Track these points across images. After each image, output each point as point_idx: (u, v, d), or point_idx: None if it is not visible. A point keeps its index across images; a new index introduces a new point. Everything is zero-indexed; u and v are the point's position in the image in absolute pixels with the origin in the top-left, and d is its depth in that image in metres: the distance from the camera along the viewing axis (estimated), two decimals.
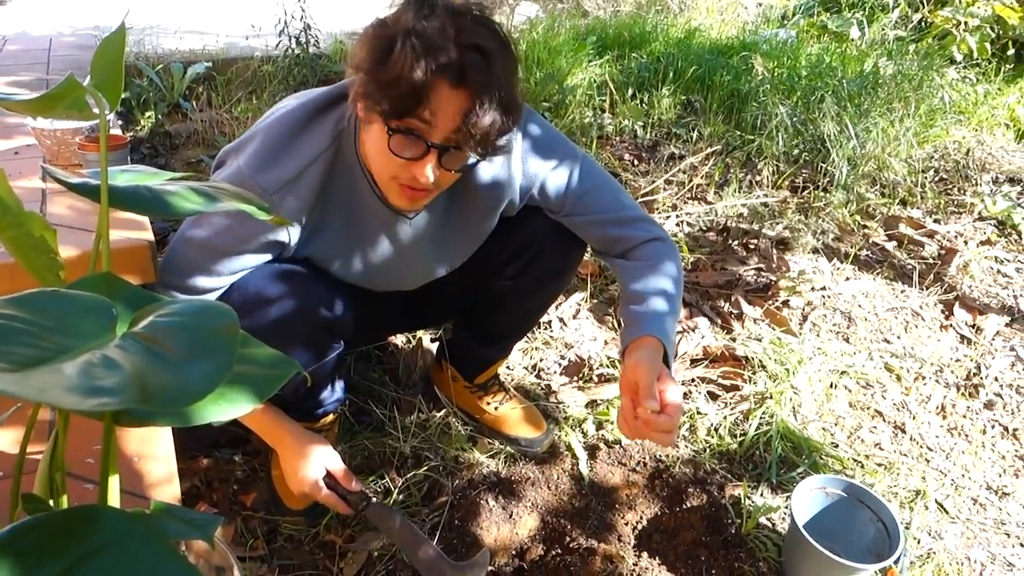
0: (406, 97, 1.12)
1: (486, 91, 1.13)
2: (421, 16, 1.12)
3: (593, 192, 1.50)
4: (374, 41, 1.14)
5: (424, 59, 1.09)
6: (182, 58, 3.94)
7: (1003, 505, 1.81)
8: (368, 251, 1.47)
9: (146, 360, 0.48)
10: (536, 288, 1.66)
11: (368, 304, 1.59)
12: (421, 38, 1.10)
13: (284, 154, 1.29)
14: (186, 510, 0.74)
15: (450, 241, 1.54)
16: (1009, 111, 4.30)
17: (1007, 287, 2.75)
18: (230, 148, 1.37)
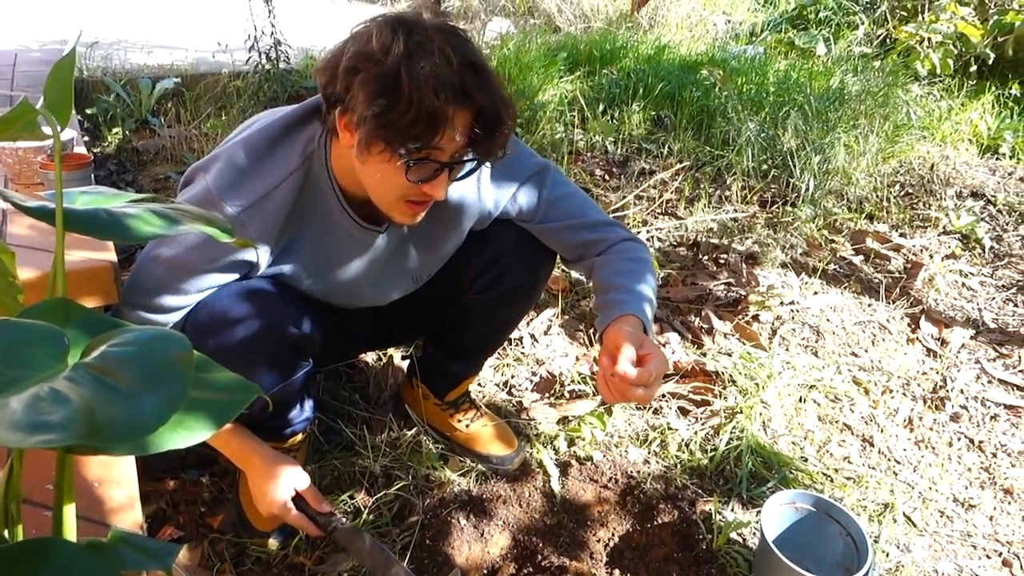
0: (424, 134, 1.15)
1: (488, 102, 1.17)
2: (412, 43, 1.12)
3: (565, 199, 1.53)
4: (375, 83, 1.12)
5: (435, 92, 1.11)
6: (150, 73, 3.91)
7: (969, 517, 1.83)
8: (340, 268, 1.46)
9: (96, 392, 0.47)
10: (505, 302, 1.66)
11: (338, 322, 1.58)
12: (425, 72, 1.10)
13: (252, 174, 1.28)
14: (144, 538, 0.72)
15: (421, 255, 1.55)
16: (972, 126, 4.38)
17: (971, 300, 2.79)
18: (198, 166, 1.35)
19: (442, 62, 1.12)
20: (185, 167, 3.17)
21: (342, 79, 1.16)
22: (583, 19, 6.60)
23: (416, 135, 1.15)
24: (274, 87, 3.89)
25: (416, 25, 1.14)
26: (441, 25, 1.17)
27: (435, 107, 1.12)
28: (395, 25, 1.14)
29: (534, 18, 6.77)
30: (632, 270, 1.45)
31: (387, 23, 1.14)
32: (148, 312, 1.32)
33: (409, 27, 1.13)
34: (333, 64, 1.18)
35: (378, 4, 7.71)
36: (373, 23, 1.16)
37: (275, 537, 1.61)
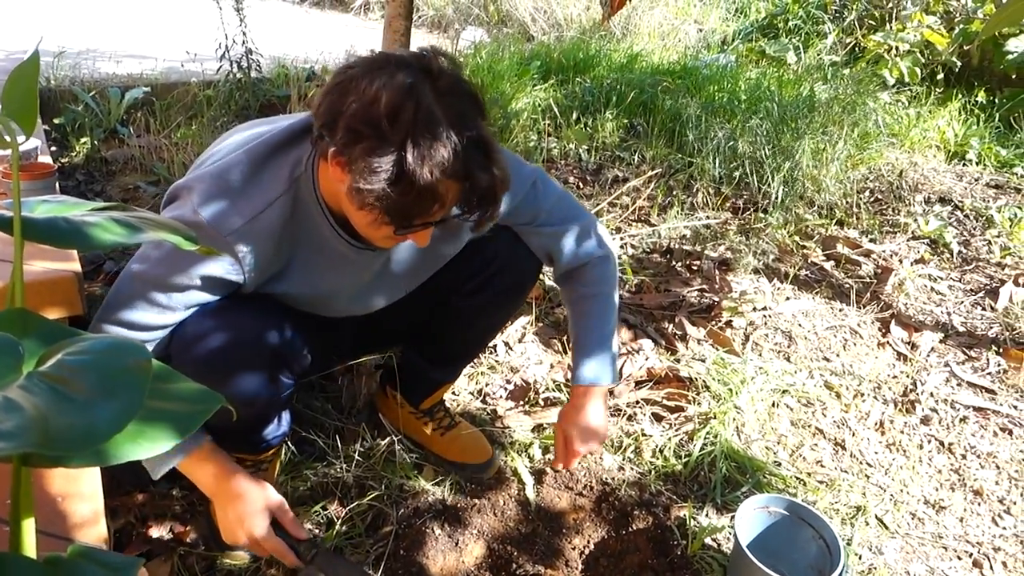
0: (420, 213, 1.18)
1: (487, 182, 1.18)
2: (420, 118, 1.10)
3: (556, 204, 1.55)
4: (377, 159, 1.11)
5: (436, 176, 1.11)
6: (120, 83, 3.87)
7: (940, 519, 1.85)
8: (333, 286, 1.45)
9: (50, 401, 0.46)
10: (494, 305, 1.67)
11: (321, 332, 1.57)
12: (429, 154, 1.10)
13: (240, 197, 1.25)
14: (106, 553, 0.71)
15: (415, 266, 1.55)
16: (939, 133, 4.45)
17: (940, 304, 2.83)
18: (181, 185, 1.30)
19: (447, 142, 1.11)
20: (155, 176, 3.14)
21: (343, 133, 1.13)
22: (556, 28, 6.64)
23: (412, 213, 1.17)
24: (246, 96, 3.86)
25: (426, 92, 1.12)
26: (452, 88, 1.15)
27: (435, 190, 1.13)
28: (406, 92, 1.11)
29: (507, 27, 6.79)
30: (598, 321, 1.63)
31: (398, 89, 1.11)
32: (124, 329, 1.29)
33: (418, 96, 1.11)
34: (334, 110, 1.14)
35: (350, 13, 7.69)
36: (382, 78, 1.12)
37: (246, 551, 1.58)
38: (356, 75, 1.14)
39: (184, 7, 6.56)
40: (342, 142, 1.13)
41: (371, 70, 1.14)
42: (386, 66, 1.14)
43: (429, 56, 1.17)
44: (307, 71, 4.28)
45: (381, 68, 1.14)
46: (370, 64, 1.16)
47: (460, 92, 1.16)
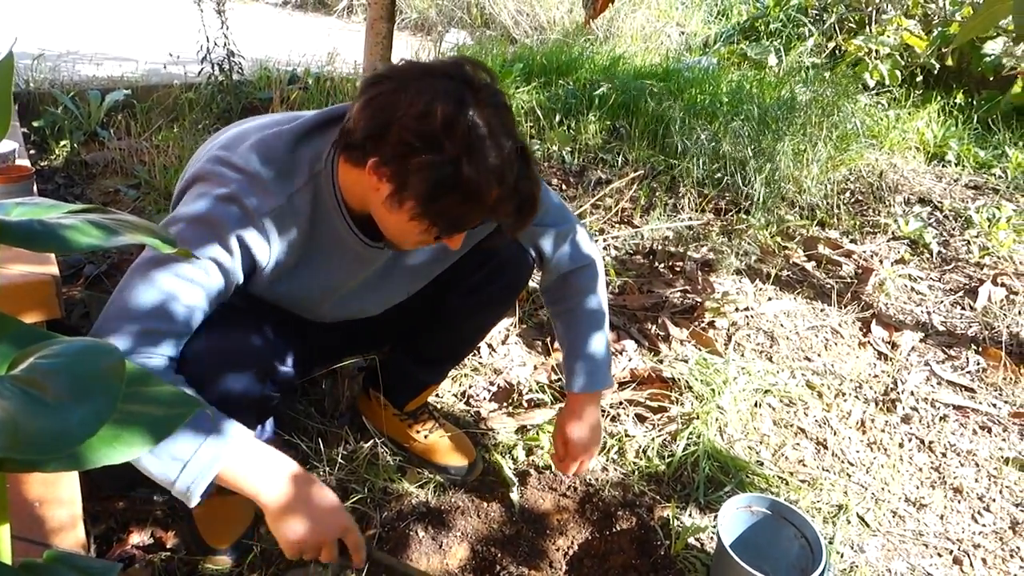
0: (469, 222, 1.23)
1: (531, 192, 1.24)
2: (475, 134, 1.12)
3: (549, 206, 1.55)
4: (433, 173, 1.13)
5: (490, 189, 1.15)
6: (100, 85, 3.84)
7: (921, 517, 1.87)
8: (343, 286, 1.45)
9: (21, 404, 0.45)
10: (489, 303, 1.69)
11: (310, 336, 1.56)
12: (484, 168, 1.13)
13: (271, 182, 1.24)
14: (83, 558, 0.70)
15: (423, 267, 1.55)
16: (919, 135, 4.49)
17: (921, 304, 2.85)
18: (206, 169, 1.25)
19: (499, 153, 1.14)
20: (136, 180, 3.11)
21: (394, 146, 1.14)
22: (539, 31, 6.65)
23: (463, 222, 1.22)
24: (227, 99, 3.84)
25: (474, 104, 1.14)
26: (493, 99, 1.17)
27: (488, 199, 1.16)
28: (458, 104, 1.12)
29: (490, 29, 6.80)
30: (589, 327, 1.63)
31: (449, 102, 1.12)
32: (141, 323, 1.15)
33: (469, 108, 1.13)
34: (380, 123, 1.15)
35: (333, 16, 7.67)
36: (429, 92, 1.13)
37: (228, 554, 1.58)
38: (397, 88, 1.15)
39: (165, 10, 6.52)
40: (391, 156, 1.15)
41: (413, 82, 1.15)
42: (426, 78, 1.16)
43: (466, 66, 1.19)
44: (289, 74, 4.27)
45: (422, 80, 1.15)
46: (408, 76, 1.17)
47: (500, 103, 1.19)
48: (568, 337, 1.66)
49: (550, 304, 1.70)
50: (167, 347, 1.17)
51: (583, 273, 1.62)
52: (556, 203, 1.58)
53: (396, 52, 2.55)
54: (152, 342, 1.15)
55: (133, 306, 1.14)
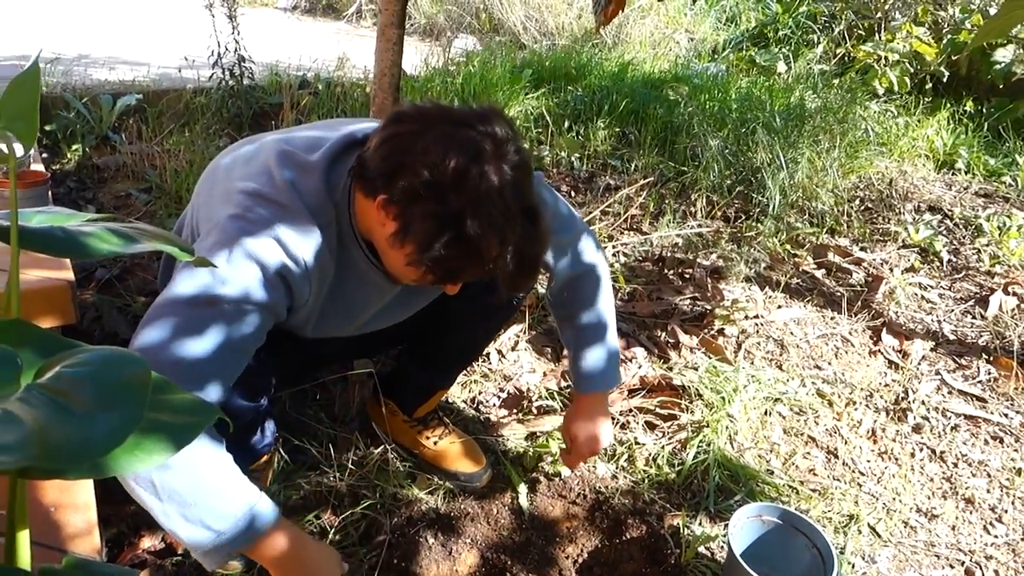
0: (468, 274, 1.22)
1: (533, 253, 1.23)
2: (483, 189, 1.11)
3: (556, 212, 1.55)
4: (437, 223, 1.13)
5: (489, 247, 1.14)
6: (112, 89, 3.86)
7: (933, 527, 1.86)
8: (355, 312, 1.46)
9: (49, 413, 0.46)
10: (496, 307, 1.68)
11: (313, 348, 1.56)
12: (487, 226, 1.12)
13: (306, 215, 1.22)
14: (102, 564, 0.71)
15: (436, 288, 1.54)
16: (928, 142, 4.48)
17: (931, 312, 2.84)
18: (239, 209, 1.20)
19: (506, 214, 1.13)
20: (147, 184, 3.13)
21: (402, 191, 1.14)
22: (548, 37, 6.66)
23: (458, 276, 1.22)
24: (238, 103, 3.86)
25: (489, 161, 1.13)
26: (510, 155, 1.16)
27: (485, 259, 1.16)
28: (471, 159, 1.12)
29: (499, 35, 6.81)
30: (596, 328, 1.65)
31: (463, 155, 1.12)
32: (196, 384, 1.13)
33: (483, 165, 1.12)
34: (392, 163, 1.15)
35: (343, 20, 7.70)
36: (444, 140, 1.13)
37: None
38: (417, 132, 1.15)
39: (177, 15, 6.56)
40: (399, 198, 1.14)
41: (433, 128, 1.15)
42: (447, 126, 1.15)
43: (488, 116, 1.18)
44: (299, 79, 4.28)
45: (443, 128, 1.15)
46: (430, 121, 1.16)
47: (518, 163, 1.17)
48: (573, 341, 1.68)
49: (555, 309, 1.71)
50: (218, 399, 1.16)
51: (587, 278, 1.62)
52: (564, 211, 1.58)
53: (406, 58, 2.56)
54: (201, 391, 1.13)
55: (179, 354, 1.11)
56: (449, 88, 4.27)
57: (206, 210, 1.30)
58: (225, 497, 1.14)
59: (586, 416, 1.68)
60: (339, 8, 7.94)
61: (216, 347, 1.12)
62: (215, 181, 1.36)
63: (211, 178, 1.39)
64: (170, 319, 1.11)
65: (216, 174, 1.37)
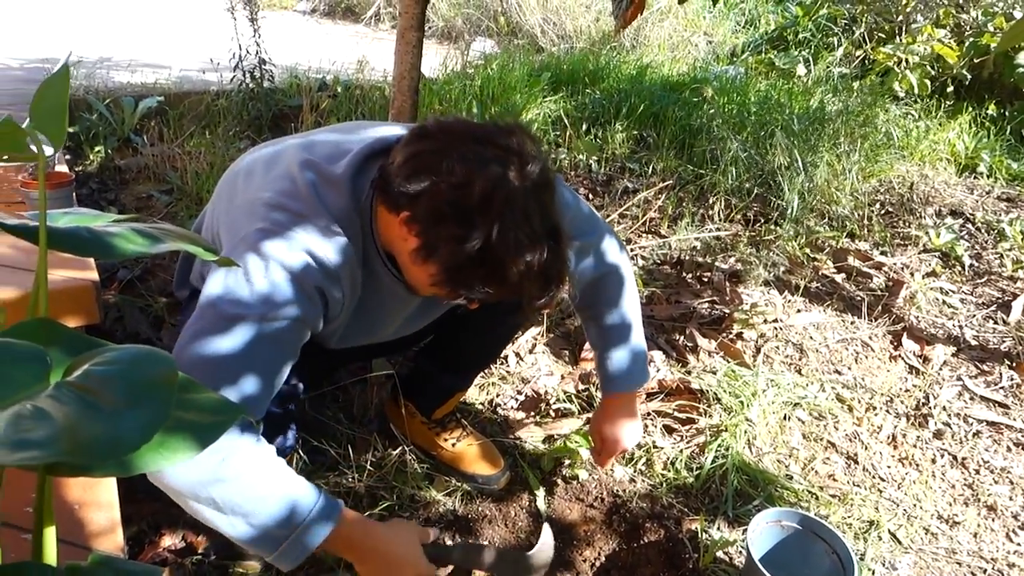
0: (488, 291, 1.19)
1: (556, 273, 1.20)
2: (508, 211, 1.10)
3: (576, 215, 1.54)
4: (461, 246, 1.12)
5: (513, 268, 1.13)
6: (134, 92, 3.90)
7: (954, 534, 1.84)
8: (379, 323, 1.46)
9: (79, 410, 0.46)
10: (512, 309, 1.67)
11: (333, 354, 1.56)
12: (510, 247, 1.11)
13: (333, 227, 1.22)
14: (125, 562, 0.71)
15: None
16: (950, 146, 4.44)
17: (952, 317, 2.82)
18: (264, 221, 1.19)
19: (529, 235, 1.12)
20: (168, 185, 3.15)
21: (426, 210, 1.13)
22: (566, 40, 6.66)
23: (481, 296, 1.21)
24: (258, 106, 3.88)
25: (514, 182, 1.12)
26: (534, 173, 1.15)
27: (510, 281, 1.14)
28: (497, 181, 1.11)
29: (517, 38, 6.81)
30: (620, 328, 1.64)
31: (488, 177, 1.11)
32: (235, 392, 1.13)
33: (508, 186, 1.11)
34: (421, 181, 1.13)
35: (361, 23, 7.74)
36: (469, 159, 1.12)
37: (259, 559, 1.59)
38: (440, 150, 1.14)
39: (198, 18, 6.61)
40: (423, 217, 1.14)
41: (457, 147, 1.14)
42: (472, 145, 1.14)
43: (512, 133, 1.17)
44: (319, 81, 4.31)
45: (467, 147, 1.14)
46: (454, 139, 1.15)
47: (541, 182, 1.16)
48: (599, 341, 1.68)
49: (580, 310, 1.71)
50: (257, 414, 1.17)
51: (611, 278, 1.61)
52: (586, 212, 1.58)
53: (424, 61, 2.57)
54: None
55: (218, 369, 1.11)
56: (468, 91, 4.28)
57: (227, 219, 1.30)
58: (285, 501, 1.14)
59: (613, 416, 1.68)
60: (357, 11, 7.97)
61: (257, 366, 1.13)
62: (235, 188, 1.35)
63: (231, 183, 1.38)
64: (208, 339, 1.11)
65: (236, 180, 1.36)
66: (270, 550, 1.14)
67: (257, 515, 1.11)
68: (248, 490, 1.11)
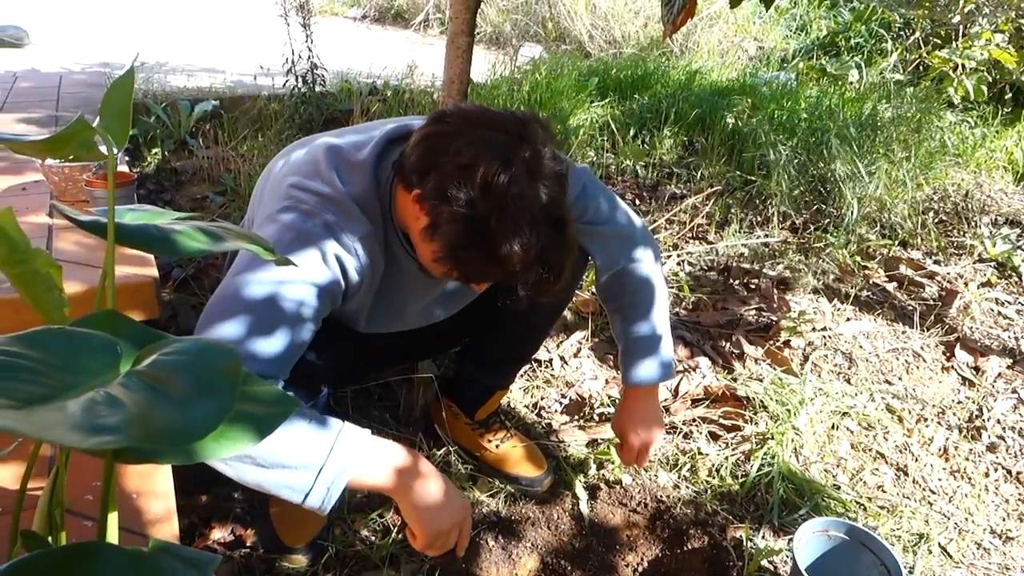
0: (493, 276, 1.24)
1: (558, 262, 1.22)
2: (511, 197, 1.12)
3: (605, 205, 1.55)
4: (462, 226, 1.14)
5: (518, 251, 1.14)
6: (190, 96, 3.99)
7: (1007, 550, 1.80)
8: (403, 306, 1.48)
9: (149, 398, 0.48)
10: (539, 304, 1.68)
11: (362, 342, 1.59)
12: (510, 233, 1.12)
13: (355, 211, 1.26)
14: (184, 548, 0.73)
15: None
16: (1007, 154, 4.33)
17: (1008, 329, 2.75)
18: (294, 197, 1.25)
19: (532, 222, 1.13)
20: (223, 187, 3.22)
21: (433, 190, 1.16)
22: (614, 45, 6.64)
23: (481, 277, 1.25)
24: (309, 110, 3.95)
25: (520, 168, 1.14)
26: (543, 163, 1.17)
27: (507, 266, 1.16)
28: (501, 166, 1.12)
29: (565, 44, 6.82)
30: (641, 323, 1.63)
31: (493, 161, 1.12)
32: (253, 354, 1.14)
33: (513, 172, 1.13)
34: (427, 162, 1.17)
35: (410, 29, 7.81)
36: (479, 144, 1.14)
37: (305, 553, 1.62)
38: (453, 132, 1.17)
39: (253, 24, 6.74)
40: (431, 195, 1.16)
41: (469, 131, 1.16)
42: (483, 129, 1.17)
43: (527, 122, 1.19)
44: (369, 86, 4.37)
45: (478, 131, 1.16)
46: (468, 122, 1.18)
47: (550, 171, 1.18)
48: (622, 333, 1.66)
49: (605, 302, 1.69)
50: (280, 370, 1.18)
51: (635, 270, 1.60)
52: (613, 204, 1.58)
53: (473, 66, 2.59)
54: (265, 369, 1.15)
55: (239, 327, 1.14)
56: (515, 96, 4.30)
57: (260, 207, 1.36)
58: (313, 428, 1.15)
59: (632, 411, 1.67)
60: (407, 17, 8.05)
61: (277, 325, 1.15)
62: (268, 179, 1.42)
63: (265, 179, 1.45)
64: (234, 297, 1.15)
65: (270, 176, 1.42)
66: (306, 487, 1.13)
67: (293, 456, 1.12)
68: (280, 438, 1.11)
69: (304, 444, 1.13)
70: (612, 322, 1.70)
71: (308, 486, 1.13)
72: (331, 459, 1.14)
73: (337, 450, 1.15)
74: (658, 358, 1.63)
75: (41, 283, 0.71)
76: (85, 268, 1.39)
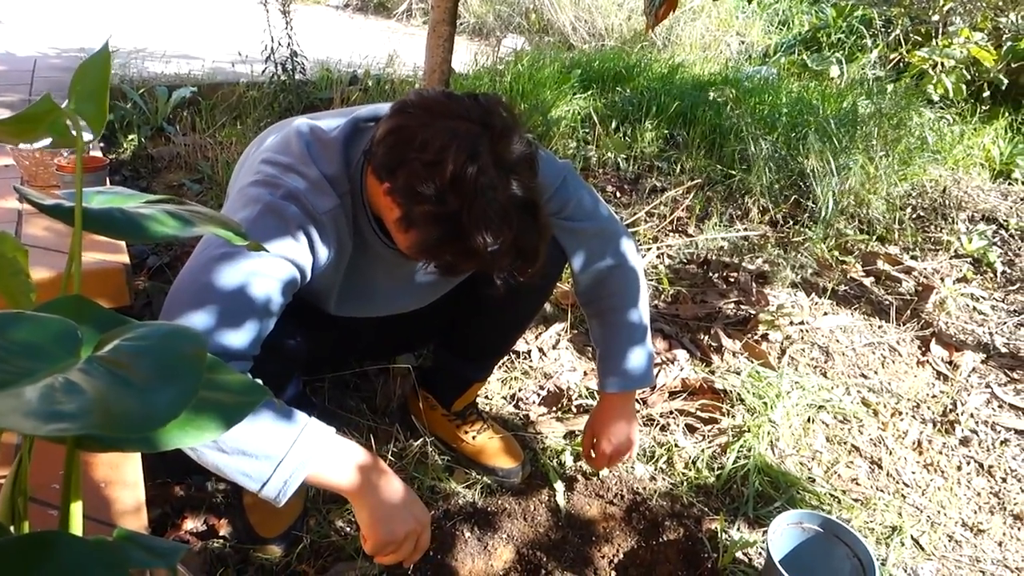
0: (469, 266, 1.24)
1: (531, 245, 1.21)
2: (479, 184, 1.12)
3: (585, 201, 1.55)
4: (433, 220, 1.15)
5: (490, 240, 1.14)
6: (167, 82, 3.94)
7: (978, 542, 1.82)
8: (373, 287, 1.47)
9: (110, 384, 0.47)
10: (520, 295, 1.67)
11: (336, 331, 1.58)
12: (482, 222, 1.12)
13: (323, 183, 1.26)
14: (150, 537, 0.72)
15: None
16: (984, 151, 4.37)
17: (983, 324, 2.78)
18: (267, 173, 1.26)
19: (502, 211, 1.14)
20: (199, 175, 3.19)
21: (402, 186, 1.16)
22: (597, 37, 6.64)
23: (457, 269, 1.24)
24: (289, 98, 3.91)
25: (487, 157, 1.13)
26: (511, 150, 1.17)
27: (482, 256, 1.16)
28: (468, 158, 1.12)
29: (548, 36, 6.81)
30: (621, 328, 1.63)
31: (460, 153, 1.12)
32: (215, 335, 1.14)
33: (480, 162, 1.12)
34: (394, 157, 1.17)
35: (393, 19, 7.77)
36: (444, 135, 1.13)
37: (279, 544, 1.60)
38: (418, 126, 1.15)
39: (231, 10, 6.67)
40: (400, 191, 1.16)
41: (434, 122, 1.15)
42: (448, 120, 1.15)
43: (491, 107, 1.18)
44: (350, 75, 4.33)
45: (443, 122, 1.15)
46: (432, 113, 1.17)
47: (518, 156, 1.18)
48: (600, 337, 1.67)
49: (584, 305, 1.69)
50: (249, 346, 1.17)
51: (617, 273, 1.60)
52: (602, 210, 1.58)
53: (455, 56, 2.57)
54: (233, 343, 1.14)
55: (207, 303, 1.13)
56: (498, 86, 4.28)
57: (234, 188, 1.37)
58: (279, 417, 1.15)
59: (611, 418, 1.67)
60: (389, 6, 8.00)
61: (244, 301, 1.14)
62: (243, 166, 1.43)
63: (241, 165, 1.46)
64: (199, 273, 1.15)
65: (246, 161, 1.43)
66: (263, 476, 1.12)
67: (253, 438, 1.11)
68: (246, 425, 1.10)
69: (268, 434, 1.12)
70: (591, 326, 1.71)
71: (266, 476, 1.12)
72: (292, 452, 1.13)
73: (300, 444, 1.14)
74: (637, 365, 1.63)
75: (7, 267, 0.69)
76: (54, 254, 1.36)
